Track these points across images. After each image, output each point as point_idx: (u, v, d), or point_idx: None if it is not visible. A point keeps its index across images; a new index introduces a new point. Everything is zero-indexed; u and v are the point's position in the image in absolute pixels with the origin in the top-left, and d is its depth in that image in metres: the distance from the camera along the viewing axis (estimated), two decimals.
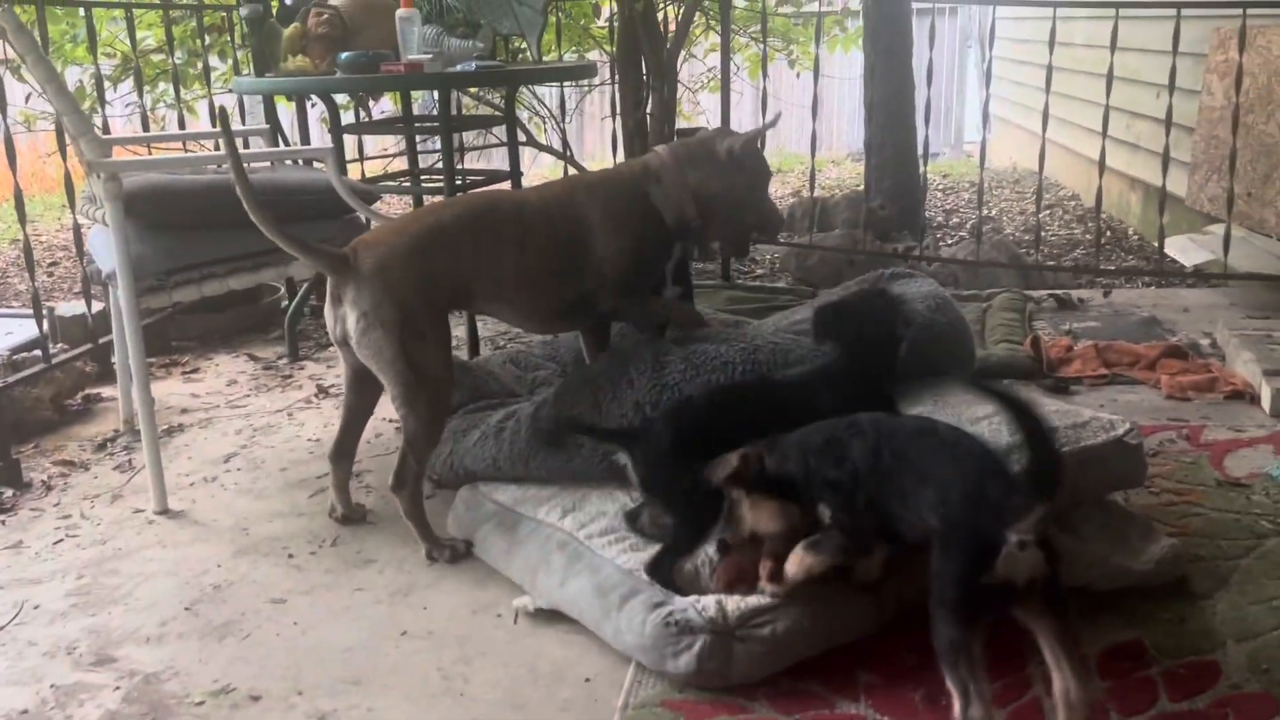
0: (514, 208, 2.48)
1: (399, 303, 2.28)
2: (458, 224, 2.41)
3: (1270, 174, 4.51)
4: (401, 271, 2.30)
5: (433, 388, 2.33)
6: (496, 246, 2.41)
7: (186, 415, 3.41)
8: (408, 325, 2.29)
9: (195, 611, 2.24)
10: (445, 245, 2.37)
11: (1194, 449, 2.80)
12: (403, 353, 2.28)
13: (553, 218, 2.47)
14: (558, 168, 6.92)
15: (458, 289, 2.42)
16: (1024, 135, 8.14)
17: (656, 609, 1.94)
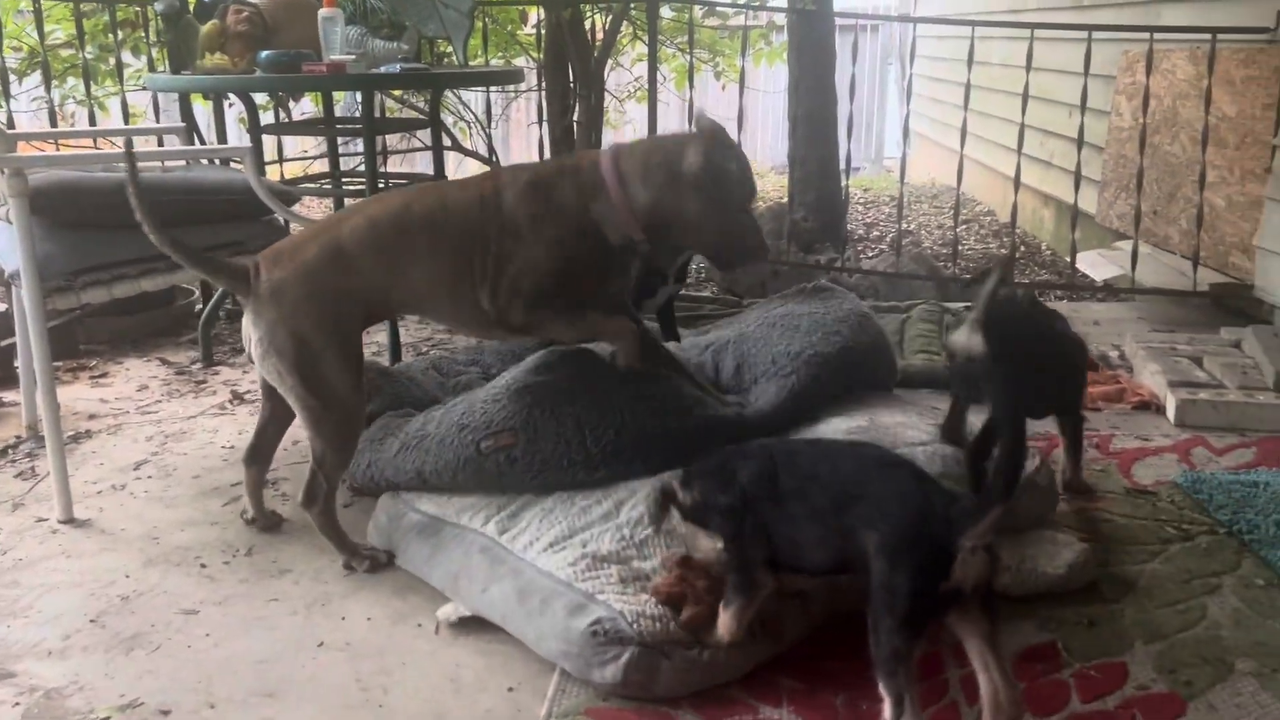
0: (425, 212, 2.28)
1: (293, 330, 2.19)
2: (356, 239, 2.24)
3: (1174, 193, 4.69)
4: (295, 297, 2.19)
5: (338, 411, 2.24)
6: (405, 258, 2.25)
7: (94, 421, 3.29)
8: (304, 351, 2.19)
9: (101, 624, 2.16)
10: (345, 265, 2.23)
11: (1103, 457, 2.88)
12: (301, 379, 2.20)
13: (472, 221, 2.26)
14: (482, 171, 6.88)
15: (370, 304, 2.30)
16: (943, 152, 8.33)
17: (579, 613, 1.92)
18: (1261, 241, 4.06)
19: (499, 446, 2.35)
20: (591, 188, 2.25)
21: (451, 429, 2.43)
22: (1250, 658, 1.95)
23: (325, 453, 2.26)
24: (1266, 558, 2.30)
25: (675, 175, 2.22)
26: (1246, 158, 4.18)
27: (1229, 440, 3.00)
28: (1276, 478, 2.67)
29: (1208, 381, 3.28)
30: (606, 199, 2.25)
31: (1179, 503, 2.59)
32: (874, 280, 4.82)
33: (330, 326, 2.21)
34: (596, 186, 2.25)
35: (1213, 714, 1.80)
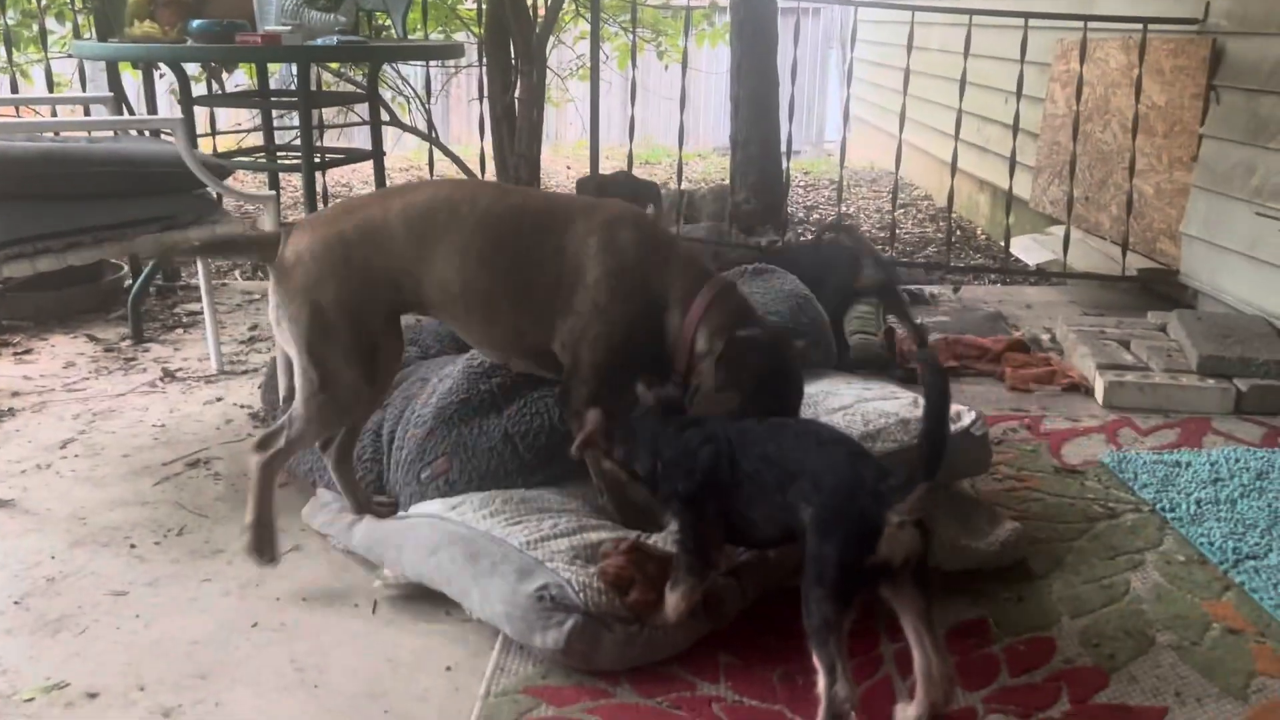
0: (479, 210, 2.14)
1: (310, 300, 2.09)
2: (402, 219, 2.12)
3: (1105, 180, 4.80)
4: (318, 266, 2.09)
5: (334, 392, 2.12)
6: (444, 251, 2.12)
7: (18, 399, 3.20)
8: (316, 324, 2.09)
9: (25, 605, 2.11)
10: (379, 242, 2.11)
11: (1034, 438, 2.95)
12: (309, 351, 2.10)
13: (547, 248, 2.12)
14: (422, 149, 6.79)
15: (398, 292, 2.15)
16: (881, 136, 8.42)
17: (527, 578, 1.92)
18: (1187, 228, 4.17)
19: (435, 475, 2.33)
20: (684, 291, 2.12)
21: (397, 471, 2.40)
22: (1170, 630, 2.02)
23: (300, 421, 2.15)
24: (1187, 535, 2.37)
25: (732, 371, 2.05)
26: (1175, 146, 4.29)
27: (1154, 421, 3.09)
28: (1197, 458, 2.76)
29: (1134, 364, 3.37)
30: (681, 312, 2.11)
31: (1105, 482, 2.66)
32: None
33: (349, 304, 2.10)
34: (688, 294, 2.11)
35: (1134, 685, 1.86)
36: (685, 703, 1.80)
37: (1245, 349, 3.30)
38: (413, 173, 8.13)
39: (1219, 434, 2.99)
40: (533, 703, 1.80)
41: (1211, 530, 2.38)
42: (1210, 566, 2.25)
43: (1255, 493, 2.56)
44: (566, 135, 10.16)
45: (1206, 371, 3.26)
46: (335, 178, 7.43)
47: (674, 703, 1.80)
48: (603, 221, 2.14)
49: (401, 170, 8.22)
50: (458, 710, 1.80)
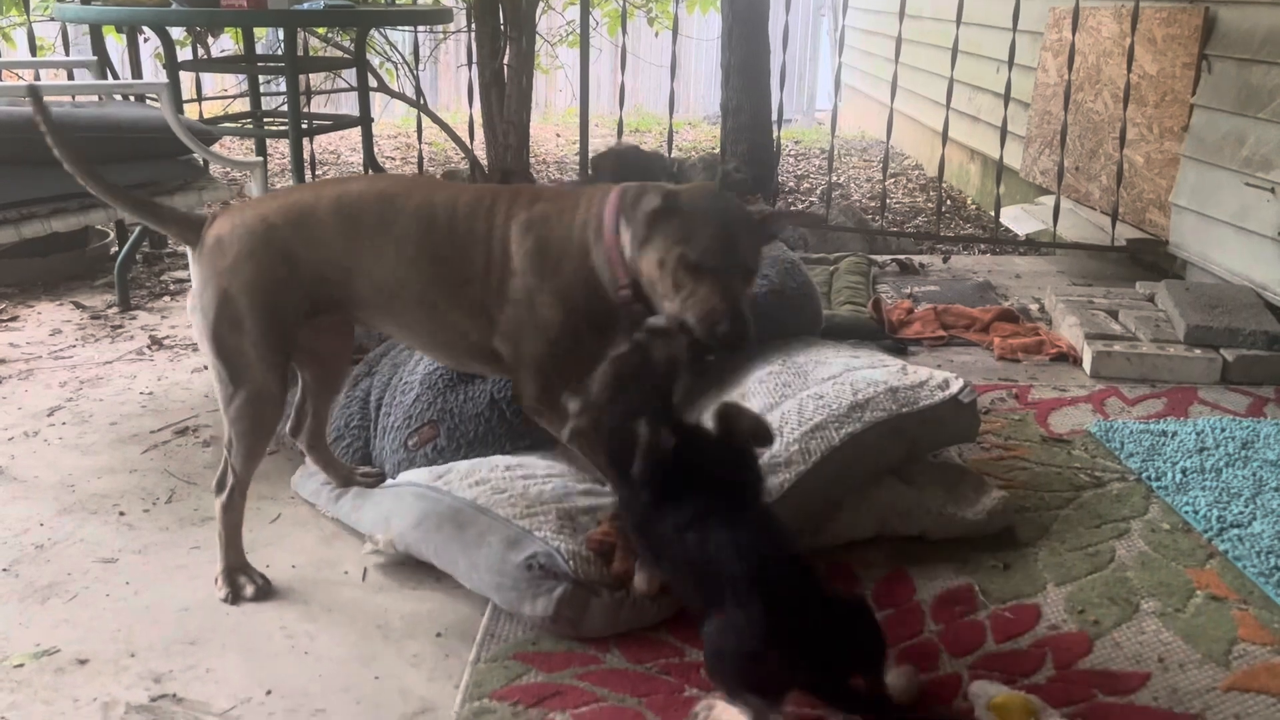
0: (414, 203, 2.00)
1: (221, 289, 1.95)
2: (333, 208, 1.99)
3: (1096, 150, 4.79)
4: (236, 252, 1.95)
5: (247, 395, 1.97)
6: (377, 245, 1.98)
7: (4, 366, 3.18)
8: (225, 314, 1.95)
9: (14, 572, 2.10)
10: (306, 230, 1.97)
11: (1022, 407, 2.96)
12: (216, 345, 1.97)
13: (475, 237, 1.99)
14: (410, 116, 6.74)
15: (323, 288, 2.00)
16: (873, 105, 8.38)
17: (516, 547, 1.93)
18: (1176, 199, 4.17)
19: (423, 442, 2.34)
20: (596, 222, 1.95)
21: (383, 439, 2.41)
22: (1155, 598, 2.04)
23: (231, 436, 2.01)
24: (1172, 503, 2.39)
25: (646, 201, 1.87)
26: (1165, 116, 4.28)
27: (1141, 391, 3.10)
28: (1184, 427, 2.78)
29: (1122, 334, 3.39)
30: (600, 238, 1.95)
31: (1092, 451, 2.67)
32: (803, 232, 4.86)
33: (262, 292, 1.95)
34: (599, 221, 1.95)
35: (1118, 651, 1.88)
36: (674, 668, 1.82)
37: (1233, 319, 3.31)
38: (401, 139, 8.07)
39: (1205, 404, 3.01)
40: (523, 668, 1.81)
41: (1197, 499, 2.40)
42: (1195, 534, 2.27)
43: (1240, 462, 2.58)
44: (556, 103, 10.10)
45: (1194, 341, 3.27)
46: (323, 145, 7.37)
47: (662, 668, 1.81)
48: (524, 202, 2.01)
49: (390, 137, 8.16)
50: (448, 675, 1.82)
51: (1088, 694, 1.77)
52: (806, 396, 2.28)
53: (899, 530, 2.19)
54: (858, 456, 2.16)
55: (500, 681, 1.78)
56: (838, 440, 2.15)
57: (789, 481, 2.07)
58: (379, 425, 2.42)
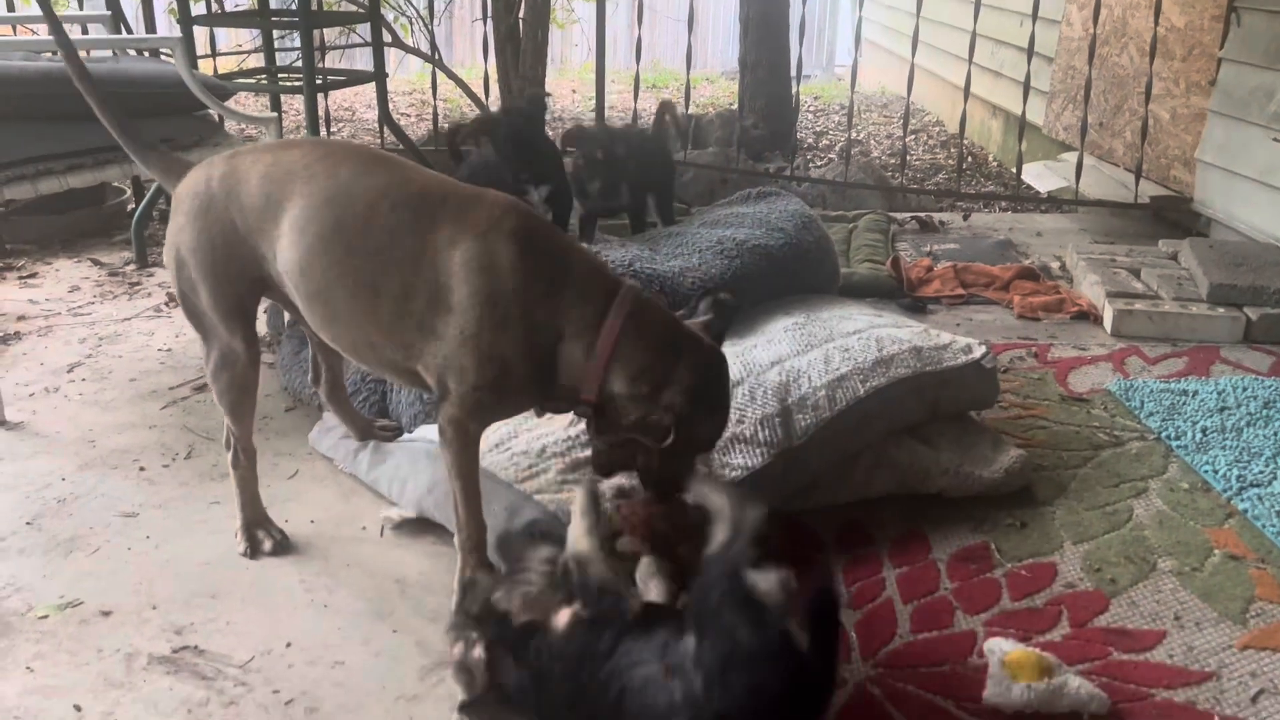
0: (337, 182, 1.78)
1: (175, 246, 1.90)
2: (260, 176, 1.82)
3: (1121, 105, 4.72)
4: (185, 211, 1.88)
5: (216, 354, 1.94)
6: (287, 222, 1.78)
7: (24, 323, 3.20)
8: (181, 274, 1.91)
9: (38, 526, 2.13)
10: (237, 199, 1.83)
11: (1041, 366, 2.94)
12: (182, 300, 1.95)
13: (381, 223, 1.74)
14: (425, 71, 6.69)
15: (256, 259, 1.85)
16: (893, 60, 8.27)
17: (516, 514, 1.95)
18: (1202, 155, 4.11)
19: None
20: (588, 324, 1.71)
21: (400, 389, 2.41)
22: (1172, 556, 2.03)
23: (216, 399, 1.99)
24: (1191, 462, 2.38)
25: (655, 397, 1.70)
26: (1192, 70, 4.20)
27: (1162, 350, 3.07)
28: (1204, 386, 2.75)
29: (1144, 292, 3.35)
30: (590, 350, 1.70)
31: (1111, 410, 2.65)
32: (822, 189, 4.81)
33: (206, 257, 1.86)
34: (593, 329, 1.71)
35: (1134, 609, 1.88)
36: None
37: (1257, 277, 3.27)
38: (416, 96, 8.02)
39: (1227, 363, 2.98)
40: None
41: (1216, 458, 2.38)
42: (1214, 494, 2.26)
43: (1261, 421, 2.55)
44: (572, 58, 10.00)
45: (1217, 300, 3.23)
46: (338, 101, 7.33)
47: None
48: (477, 228, 1.71)
49: (405, 93, 8.11)
50: None
51: (1103, 651, 1.77)
52: (833, 348, 2.27)
53: (916, 488, 2.19)
54: (879, 411, 2.16)
55: None
56: (863, 392, 2.15)
57: (813, 426, 2.08)
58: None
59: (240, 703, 1.67)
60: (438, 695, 1.68)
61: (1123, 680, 1.70)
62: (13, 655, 1.76)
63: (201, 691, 1.69)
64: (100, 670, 1.73)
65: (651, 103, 7.93)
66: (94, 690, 1.69)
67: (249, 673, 1.73)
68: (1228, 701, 1.66)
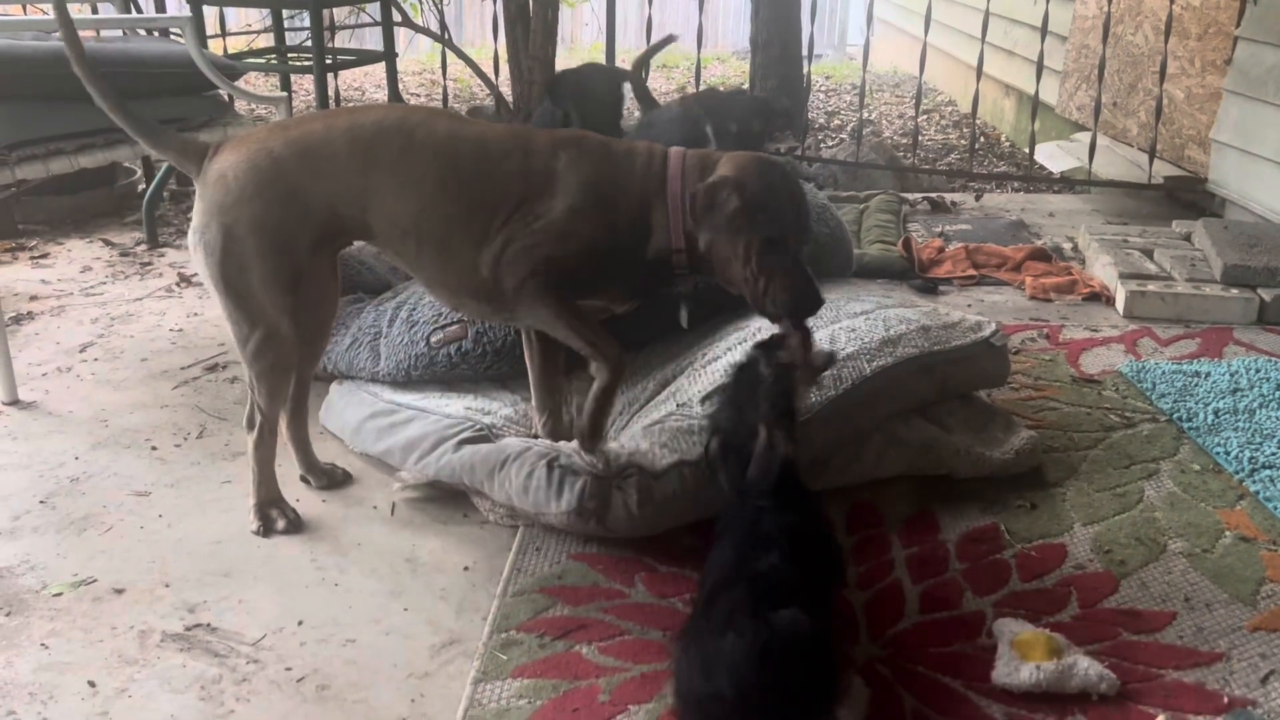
0: (448, 138, 1.94)
1: (225, 228, 1.88)
2: (346, 139, 1.91)
3: (1135, 84, 4.68)
4: (240, 187, 1.88)
5: (261, 333, 1.94)
6: (402, 179, 1.91)
7: (36, 303, 3.21)
8: (231, 253, 1.89)
9: (51, 505, 2.14)
10: (316, 162, 1.90)
11: (1053, 347, 2.93)
12: (225, 284, 1.92)
13: (506, 170, 1.92)
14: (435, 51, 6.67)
15: (332, 219, 1.94)
16: (905, 39, 8.21)
17: (542, 458, 1.98)
18: (1217, 135, 4.07)
19: (448, 340, 2.35)
20: (658, 181, 1.93)
21: (401, 326, 2.42)
22: (1182, 538, 2.03)
23: (250, 377, 1.99)
24: (1203, 444, 2.37)
25: (720, 200, 1.85)
26: (1208, 49, 4.16)
27: (1174, 331, 3.06)
28: (1217, 368, 2.74)
29: (1157, 274, 3.33)
30: (663, 200, 1.92)
31: (1123, 391, 2.64)
32: (833, 169, 4.79)
33: (270, 231, 1.89)
34: (661, 181, 1.93)
35: (1144, 591, 1.88)
36: None
37: (1272, 258, 3.24)
38: (426, 75, 8.00)
39: (1240, 344, 2.96)
40: (549, 601, 1.84)
41: (1228, 440, 2.37)
42: (1225, 475, 2.25)
43: (1274, 403, 2.54)
44: (582, 37, 9.95)
45: (1230, 281, 3.21)
46: (348, 81, 7.32)
47: (688, 602, 1.83)
48: (562, 141, 1.96)
49: (414, 73, 8.09)
50: (476, 608, 1.84)
51: (1113, 633, 1.77)
52: (839, 329, 2.27)
53: (926, 469, 2.19)
54: (887, 390, 2.15)
55: (527, 614, 1.80)
56: (869, 371, 2.15)
57: (819, 403, 2.08)
58: (396, 319, 2.44)
59: (252, 680, 1.68)
60: (449, 673, 1.69)
61: (1132, 661, 1.70)
62: (27, 632, 1.78)
63: (214, 669, 1.70)
64: (114, 647, 1.74)
65: (662, 81, 7.89)
66: (108, 667, 1.70)
67: (261, 650, 1.74)
68: (1237, 683, 1.66)
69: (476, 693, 1.63)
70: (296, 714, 1.61)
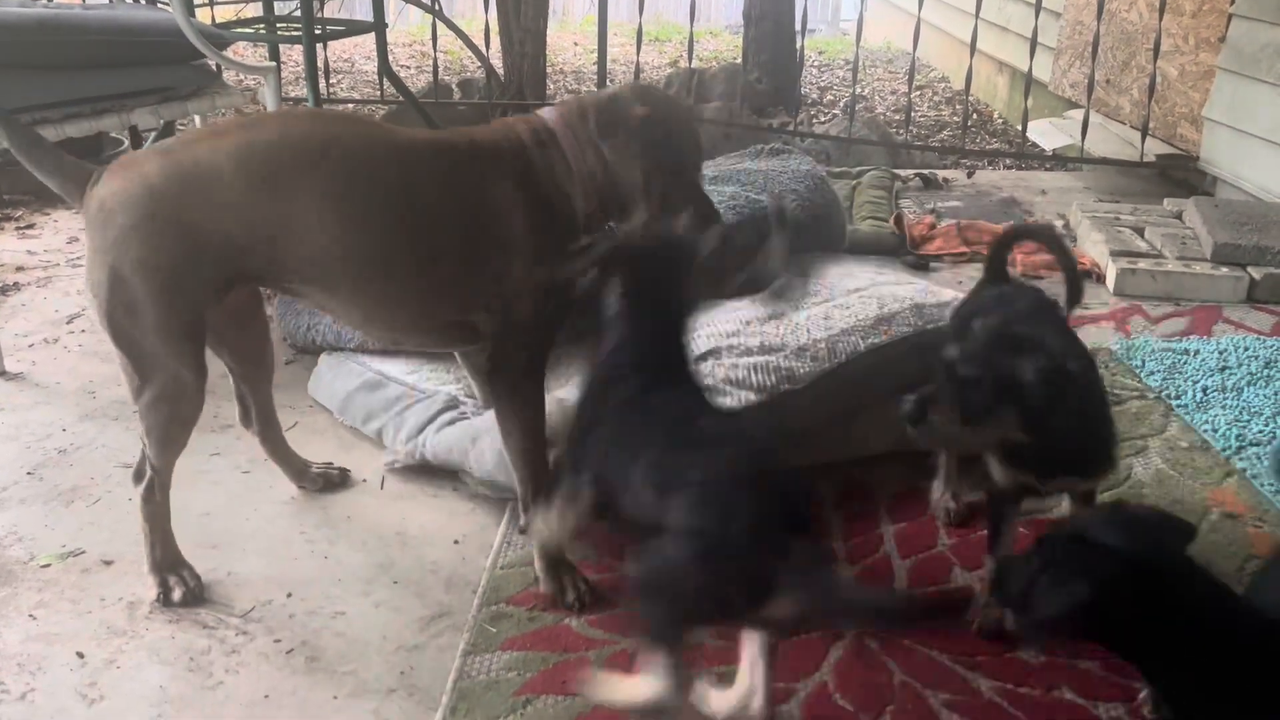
0: (358, 150, 1.70)
1: (109, 268, 1.63)
2: (238, 164, 1.63)
3: (1128, 62, 4.66)
4: (124, 222, 1.62)
5: (157, 388, 1.70)
6: (311, 206, 1.65)
7: (22, 273, 3.18)
8: (118, 296, 1.64)
9: (39, 476, 2.14)
10: (203, 193, 1.63)
11: None
12: (112, 330, 1.67)
13: (432, 189, 1.72)
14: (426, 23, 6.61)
15: (238, 259, 1.67)
16: (899, 14, 8.17)
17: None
18: (1210, 113, 4.07)
19: None
20: (560, 158, 1.76)
21: None
22: None
23: (144, 426, 1.75)
24: (1191, 422, 2.38)
25: (619, 129, 1.74)
26: (1202, 26, 4.15)
27: (1164, 309, 3.06)
28: (1206, 346, 2.75)
29: (1148, 251, 3.33)
30: (569, 172, 1.76)
31: (1112, 369, 2.65)
32: (826, 145, 4.78)
33: (161, 274, 1.63)
34: (560, 155, 1.76)
35: None
36: None
37: (1262, 237, 3.25)
38: (416, 47, 7.93)
39: (1229, 322, 2.97)
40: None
41: (1216, 417, 2.38)
42: (1213, 453, 2.26)
43: (1262, 381, 2.55)
44: (574, 10, 9.88)
45: (1221, 259, 3.21)
46: (337, 52, 7.25)
47: None
48: (511, 145, 1.76)
49: (405, 45, 8.02)
50: (465, 581, 1.84)
51: None
52: (833, 306, 2.27)
53: (916, 446, 2.18)
54: (879, 368, 2.16)
55: (517, 587, 1.81)
56: (862, 347, 2.16)
57: (813, 373, 2.10)
58: None
59: (241, 651, 1.68)
60: (438, 645, 1.70)
61: None
62: (15, 603, 1.77)
63: (203, 640, 1.70)
64: (102, 618, 1.74)
65: (654, 56, 7.84)
66: (96, 638, 1.70)
67: (250, 622, 1.74)
68: None
69: (466, 665, 1.64)
70: (285, 685, 1.62)
